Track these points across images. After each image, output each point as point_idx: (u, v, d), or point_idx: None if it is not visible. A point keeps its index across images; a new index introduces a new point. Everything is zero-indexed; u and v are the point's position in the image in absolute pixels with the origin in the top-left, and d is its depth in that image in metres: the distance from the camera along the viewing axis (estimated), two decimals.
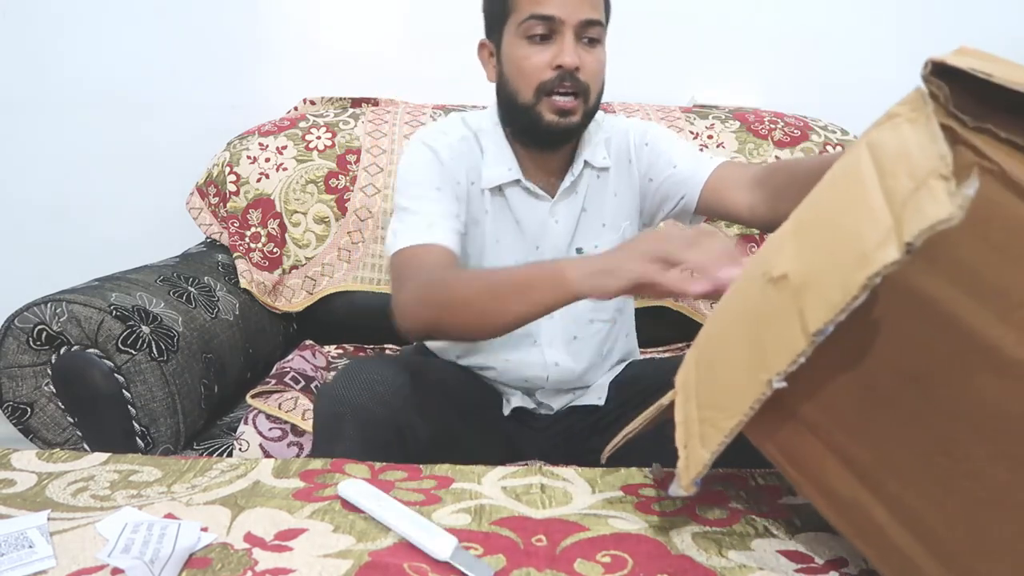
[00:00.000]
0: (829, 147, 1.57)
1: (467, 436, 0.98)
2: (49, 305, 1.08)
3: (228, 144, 1.59)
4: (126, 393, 1.08)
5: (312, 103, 1.70)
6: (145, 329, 1.11)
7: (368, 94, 1.70)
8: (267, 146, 1.55)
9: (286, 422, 1.15)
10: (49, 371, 1.09)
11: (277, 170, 1.53)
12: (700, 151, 1.11)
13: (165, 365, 1.11)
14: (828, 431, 0.51)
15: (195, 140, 1.71)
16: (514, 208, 1.05)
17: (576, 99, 0.96)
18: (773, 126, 1.59)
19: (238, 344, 1.32)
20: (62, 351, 1.09)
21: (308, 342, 1.50)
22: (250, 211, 1.52)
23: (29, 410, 1.10)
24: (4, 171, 1.78)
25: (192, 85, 1.76)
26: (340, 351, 1.54)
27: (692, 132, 1.58)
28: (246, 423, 1.15)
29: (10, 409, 1.10)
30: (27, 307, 1.08)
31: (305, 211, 1.53)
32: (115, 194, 1.79)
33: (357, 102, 1.69)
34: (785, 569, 0.56)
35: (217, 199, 1.57)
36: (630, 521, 0.63)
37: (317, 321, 1.55)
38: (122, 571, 0.53)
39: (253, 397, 1.21)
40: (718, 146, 1.57)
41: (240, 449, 1.13)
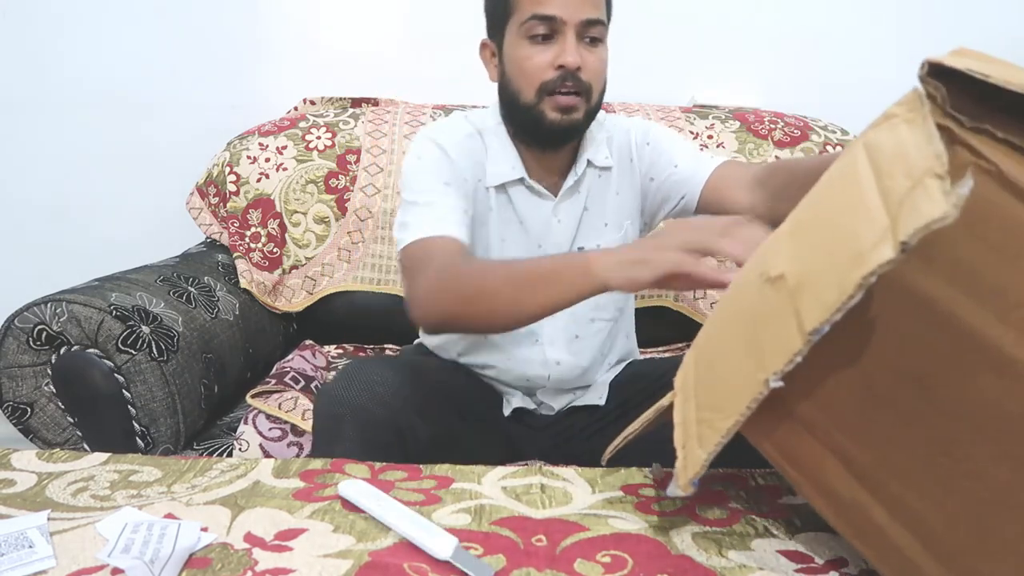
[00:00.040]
0: (829, 147, 1.57)
1: (467, 437, 0.98)
2: (49, 305, 1.08)
3: (228, 144, 1.59)
4: (126, 393, 1.09)
5: (312, 103, 1.70)
6: (145, 329, 1.11)
7: (368, 94, 1.70)
8: (267, 146, 1.55)
9: (286, 422, 1.15)
10: (49, 371, 1.09)
11: (277, 170, 1.53)
12: (701, 150, 1.11)
13: (165, 365, 1.11)
14: (826, 431, 0.51)
15: (195, 140, 1.71)
16: (517, 207, 1.05)
17: (578, 97, 0.96)
18: (773, 126, 1.59)
19: (238, 344, 1.32)
20: (62, 351, 1.09)
21: (308, 342, 1.50)
22: (250, 211, 1.52)
23: (29, 410, 1.10)
24: (4, 171, 1.78)
25: (192, 85, 1.76)
26: (340, 351, 1.54)
27: (692, 132, 1.58)
28: (246, 423, 1.15)
29: (10, 409, 1.10)
30: (27, 307, 1.08)
31: (305, 211, 1.53)
32: (115, 194, 1.79)
33: (357, 102, 1.69)
34: (785, 569, 0.56)
35: (217, 199, 1.57)
36: (630, 521, 0.63)
37: (317, 321, 1.55)
38: (122, 571, 0.53)
39: (253, 397, 1.21)
40: (718, 146, 1.56)
41: (240, 449, 1.13)
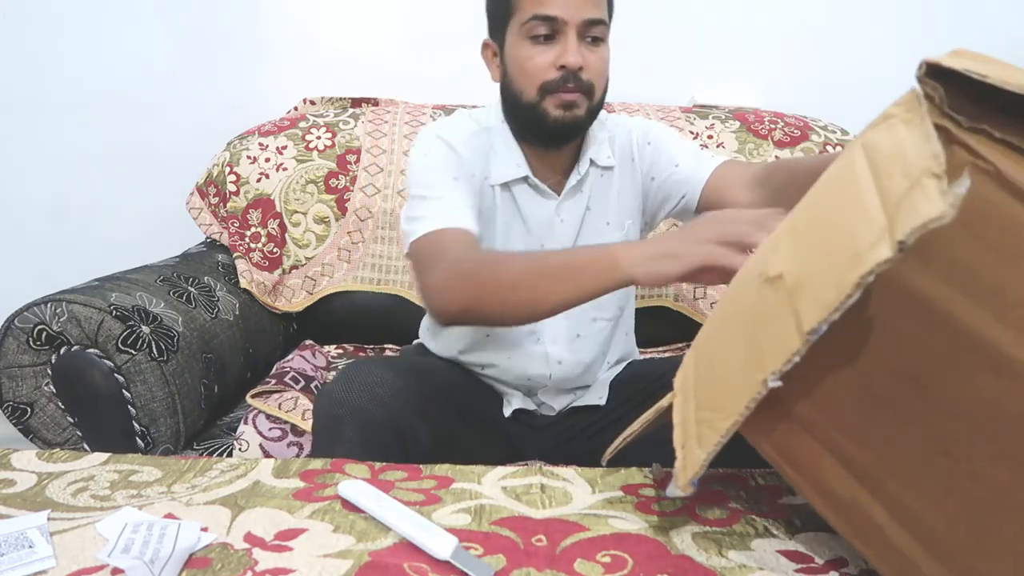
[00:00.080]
0: (829, 147, 1.57)
1: (467, 438, 0.98)
2: (49, 305, 1.08)
3: (228, 144, 1.59)
4: (126, 393, 1.09)
5: (312, 103, 1.70)
6: (145, 329, 1.11)
7: (368, 94, 1.70)
8: (267, 146, 1.55)
9: (286, 422, 1.15)
10: (49, 371, 1.09)
11: (277, 170, 1.53)
12: (701, 150, 1.11)
13: (165, 365, 1.11)
14: (824, 430, 0.51)
15: (195, 140, 1.71)
16: (521, 205, 1.05)
17: (580, 94, 0.96)
18: (773, 126, 1.59)
19: (238, 344, 1.33)
20: (62, 351, 1.09)
21: (308, 342, 1.50)
22: (250, 211, 1.52)
23: (29, 410, 1.10)
24: (4, 171, 1.78)
25: (192, 85, 1.76)
26: (340, 351, 1.54)
27: (692, 132, 1.58)
28: (246, 423, 1.15)
29: (10, 409, 1.10)
30: (27, 307, 1.08)
31: (305, 211, 1.53)
32: (115, 194, 1.79)
33: (357, 102, 1.69)
34: (785, 569, 0.56)
35: (217, 199, 1.57)
36: (630, 521, 0.63)
37: (317, 321, 1.55)
38: (122, 571, 0.53)
39: (253, 397, 1.21)
40: (718, 146, 1.57)
41: (240, 449, 1.13)
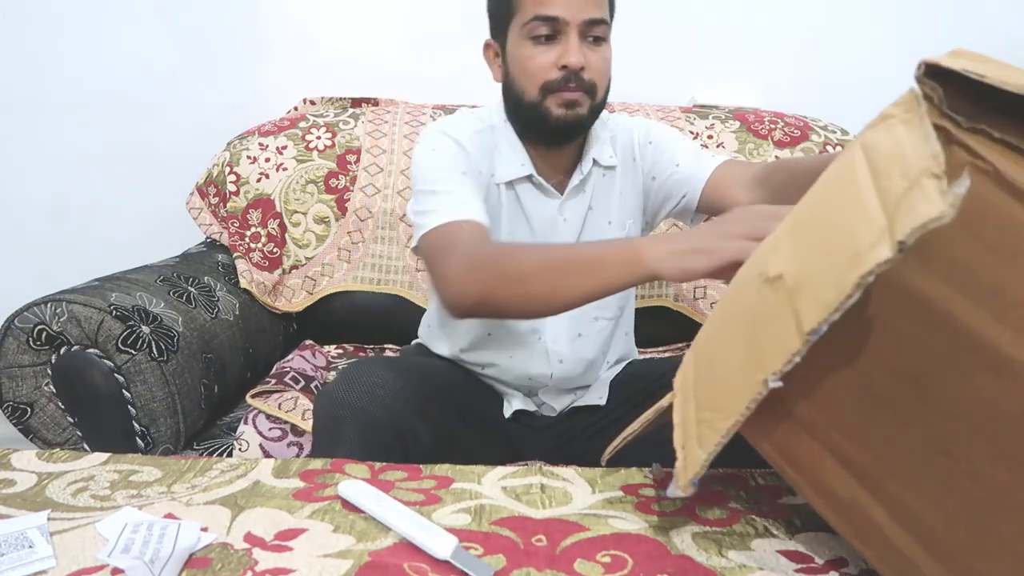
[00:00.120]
0: (829, 147, 1.57)
1: (467, 438, 0.98)
2: (49, 305, 1.08)
3: (228, 144, 1.59)
4: (126, 393, 1.09)
5: (312, 103, 1.70)
6: (145, 329, 1.11)
7: (368, 94, 1.70)
8: (267, 146, 1.55)
9: (286, 422, 1.15)
10: (49, 371, 1.09)
11: (277, 170, 1.53)
12: (702, 150, 1.11)
13: (165, 365, 1.11)
14: (825, 431, 0.51)
15: (195, 140, 1.71)
16: (525, 204, 1.05)
17: (582, 92, 0.96)
18: (773, 126, 1.59)
19: (238, 344, 1.33)
20: (62, 351, 1.09)
21: (308, 342, 1.50)
22: (250, 211, 1.52)
23: (29, 410, 1.10)
24: (4, 171, 1.78)
25: (192, 85, 1.76)
26: (340, 351, 1.54)
27: (692, 132, 1.58)
28: (246, 423, 1.15)
29: (10, 409, 1.10)
30: (27, 307, 1.08)
31: (305, 211, 1.53)
32: (115, 194, 1.79)
33: (357, 102, 1.69)
34: (785, 569, 0.56)
35: (217, 199, 1.57)
36: (630, 521, 0.63)
37: (317, 321, 1.55)
38: (122, 571, 0.53)
39: (253, 397, 1.21)
40: (718, 146, 1.57)
41: (240, 449, 1.13)
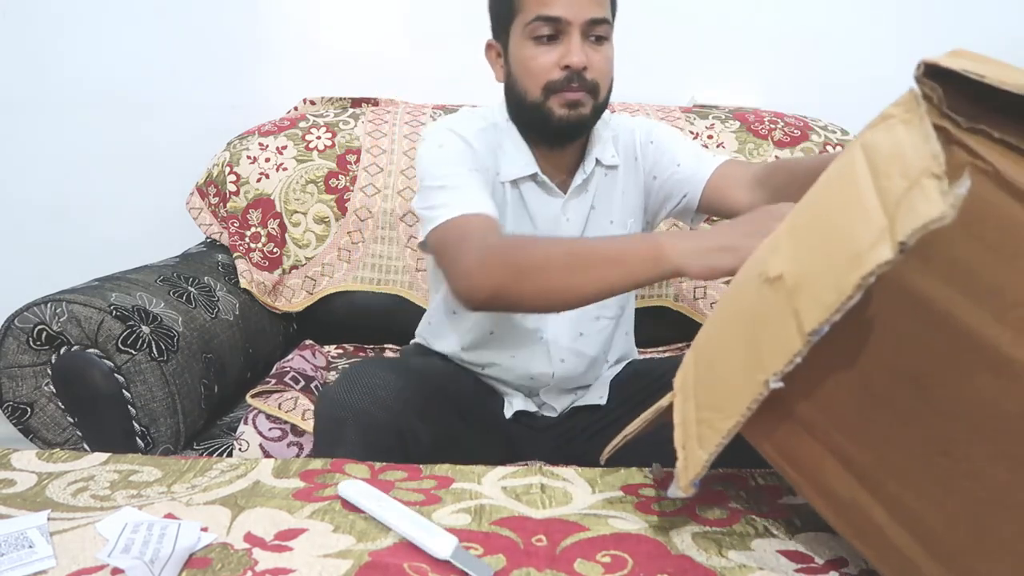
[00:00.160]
0: (829, 147, 1.57)
1: (468, 439, 0.98)
2: (49, 305, 1.08)
3: (228, 144, 1.59)
4: (126, 393, 1.09)
5: (312, 103, 1.70)
6: (145, 329, 1.11)
7: (368, 94, 1.70)
8: (267, 146, 1.55)
9: (286, 422, 1.15)
10: (49, 371, 1.09)
11: (277, 170, 1.53)
12: (703, 150, 1.11)
13: (165, 365, 1.11)
14: (825, 431, 0.51)
15: (195, 140, 1.71)
16: (529, 203, 1.05)
17: (585, 92, 0.96)
18: (773, 126, 1.59)
19: (238, 344, 1.33)
20: (62, 351, 1.09)
21: (308, 342, 1.50)
22: (250, 211, 1.52)
23: (29, 410, 1.10)
24: (4, 171, 1.78)
25: (192, 85, 1.76)
26: (340, 351, 1.54)
27: (692, 132, 1.58)
28: (246, 423, 1.15)
29: (10, 409, 1.10)
30: (27, 307, 1.08)
31: (305, 211, 1.53)
32: (115, 194, 1.79)
33: (357, 102, 1.69)
34: (785, 569, 0.56)
35: (217, 199, 1.57)
36: (630, 521, 0.63)
37: (317, 321, 1.55)
38: (122, 571, 0.53)
39: (253, 397, 1.21)
40: (718, 146, 1.57)
41: (240, 449, 1.13)
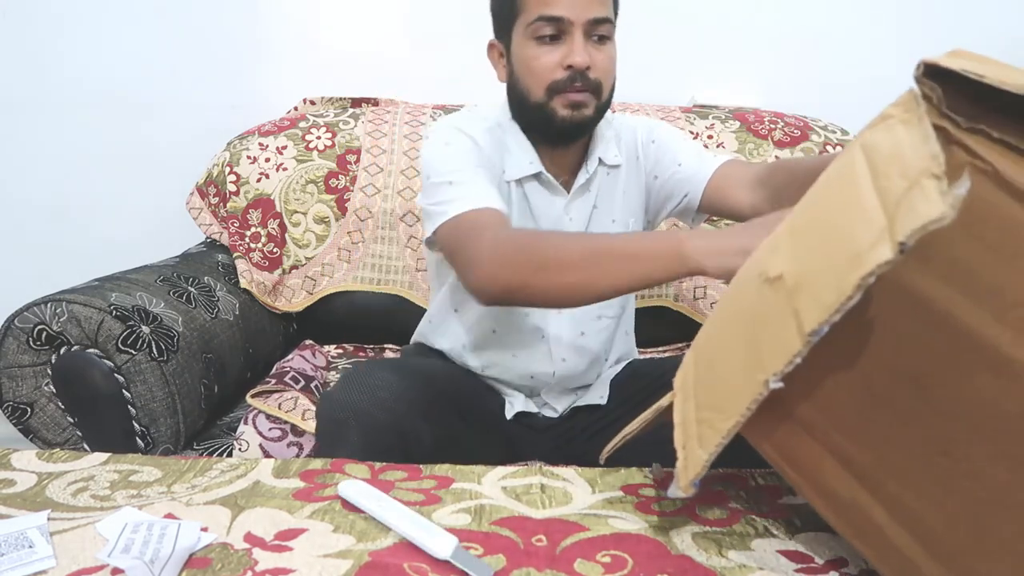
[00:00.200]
0: (829, 147, 1.57)
1: (468, 440, 0.98)
2: (49, 305, 1.08)
3: (228, 144, 1.59)
4: (126, 393, 1.09)
5: (312, 103, 1.70)
6: (145, 329, 1.11)
7: (368, 94, 1.70)
8: (267, 146, 1.55)
9: (286, 422, 1.15)
10: (49, 371, 1.09)
11: (277, 170, 1.53)
12: (704, 150, 1.11)
13: (165, 365, 1.11)
14: (825, 431, 0.51)
15: (195, 140, 1.71)
16: (532, 202, 1.05)
17: (588, 93, 0.96)
18: (773, 126, 1.59)
19: (238, 344, 1.33)
20: (62, 351, 1.09)
21: (308, 342, 1.50)
22: (250, 211, 1.52)
23: (29, 410, 1.10)
24: (4, 171, 1.78)
25: (192, 85, 1.76)
26: (340, 351, 1.54)
27: (692, 132, 1.58)
28: (246, 423, 1.15)
29: (10, 409, 1.10)
30: (27, 307, 1.08)
31: (305, 211, 1.53)
32: (115, 194, 1.79)
33: (357, 102, 1.69)
34: (785, 569, 0.56)
35: (217, 199, 1.57)
36: (630, 521, 0.63)
37: (317, 321, 1.55)
38: (122, 571, 0.53)
39: (253, 397, 1.21)
40: (718, 146, 1.57)
41: (240, 449, 1.13)
